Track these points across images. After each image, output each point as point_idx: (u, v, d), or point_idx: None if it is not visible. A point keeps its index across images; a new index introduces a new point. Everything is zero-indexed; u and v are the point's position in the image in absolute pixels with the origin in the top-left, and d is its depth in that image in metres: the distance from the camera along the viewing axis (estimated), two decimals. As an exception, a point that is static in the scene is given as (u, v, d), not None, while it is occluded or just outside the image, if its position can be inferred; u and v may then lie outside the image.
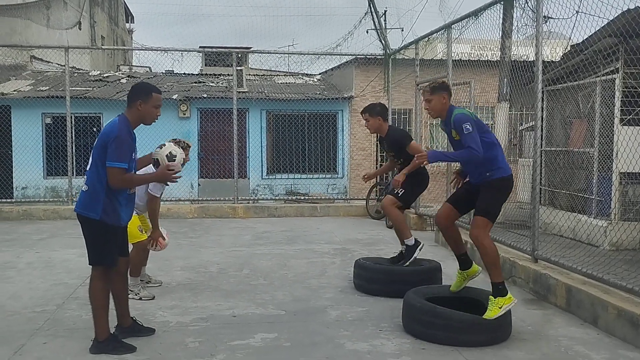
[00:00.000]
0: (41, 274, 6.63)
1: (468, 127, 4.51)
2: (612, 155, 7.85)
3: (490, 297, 4.51)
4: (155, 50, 14.06)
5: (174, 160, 4.35)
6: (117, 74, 18.85)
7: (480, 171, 4.66)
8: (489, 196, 4.61)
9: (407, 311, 4.68)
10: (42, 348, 4.27)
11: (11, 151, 14.10)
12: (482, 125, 4.70)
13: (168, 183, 4.54)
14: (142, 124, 4.31)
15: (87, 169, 4.20)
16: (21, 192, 14.10)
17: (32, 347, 4.28)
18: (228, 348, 4.29)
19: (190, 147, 5.88)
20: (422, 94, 4.92)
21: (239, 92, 13.46)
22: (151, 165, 4.60)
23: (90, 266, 4.21)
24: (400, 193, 6.02)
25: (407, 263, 5.94)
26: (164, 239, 5.68)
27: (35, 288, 5.97)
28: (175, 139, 5.84)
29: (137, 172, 4.47)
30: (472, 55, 15.72)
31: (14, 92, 14.60)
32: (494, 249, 4.59)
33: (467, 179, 4.95)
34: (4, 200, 12.25)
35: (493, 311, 4.42)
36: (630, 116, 7.58)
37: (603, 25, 6.97)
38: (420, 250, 5.96)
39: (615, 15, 6.50)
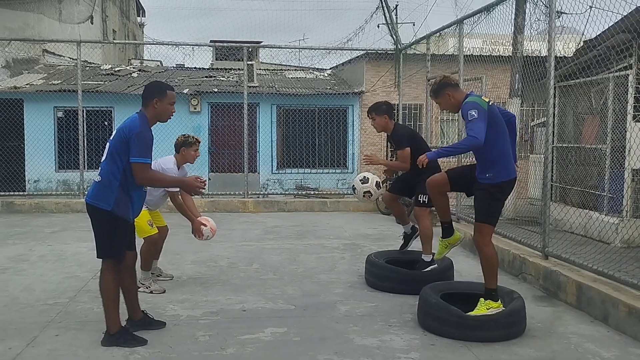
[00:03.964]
0: (53, 266, 6.69)
1: (473, 113, 4.35)
2: (624, 152, 7.80)
3: (481, 299, 4.55)
4: (166, 44, 14.12)
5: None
6: (128, 68, 18.93)
7: (482, 168, 4.56)
8: (487, 203, 4.57)
9: (423, 307, 4.70)
10: (55, 340, 4.31)
11: (23, 144, 14.21)
12: (496, 119, 4.49)
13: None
14: (158, 122, 4.36)
15: (102, 160, 4.24)
16: (33, 185, 14.21)
17: (44, 339, 4.32)
18: (238, 342, 4.32)
19: (199, 142, 5.91)
20: (431, 98, 4.93)
21: (250, 86, 13.48)
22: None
23: (100, 259, 4.26)
24: (427, 200, 5.87)
25: (420, 271, 5.88)
26: (204, 226, 5.62)
27: (47, 281, 6.03)
28: (185, 135, 5.88)
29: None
30: (483, 51, 15.63)
31: (27, 86, 14.70)
32: (494, 256, 4.61)
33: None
34: (17, 193, 12.37)
35: (480, 310, 4.48)
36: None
37: (617, 20, 6.91)
38: (431, 269, 5.85)
39: (630, 11, 6.45)
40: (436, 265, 5.88)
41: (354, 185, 6.15)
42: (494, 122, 4.47)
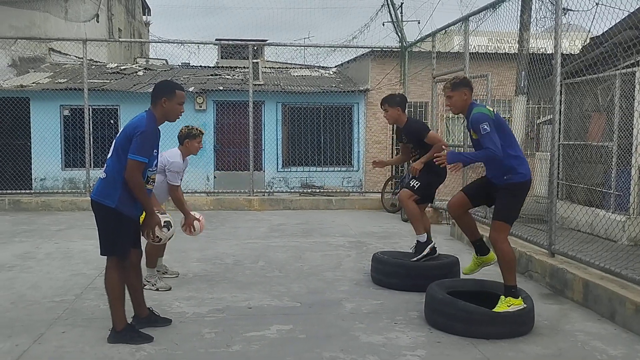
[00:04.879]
0: (60, 264, 6.72)
1: (485, 127, 4.48)
2: (631, 149, 7.76)
3: (502, 296, 4.57)
4: (171, 42, 14.13)
5: (163, 233, 4.79)
6: (134, 66, 18.97)
7: (498, 174, 4.65)
8: (507, 201, 4.63)
9: (430, 303, 4.70)
10: (61, 337, 4.33)
11: (30, 143, 14.27)
12: (502, 125, 4.63)
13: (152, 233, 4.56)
14: (166, 121, 4.37)
15: (108, 157, 4.24)
16: (40, 183, 14.27)
17: (51, 336, 4.34)
18: (244, 339, 4.32)
19: (203, 133, 5.91)
20: (443, 90, 4.88)
21: (255, 84, 13.49)
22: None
23: (105, 257, 4.27)
24: (416, 186, 5.95)
25: (417, 259, 5.87)
26: (198, 221, 5.73)
27: (54, 278, 6.05)
28: (188, 127, 5.88)
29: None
30: (489, 48, 15.59)
31: (33, 84, 14.75)
32: (511, 254, 4.62)
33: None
34: (23, 191, 12.41)
35: (501, 307, 4.49)
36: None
37: (623, 17, 6.88)
38: (429, 249, 5.87)
39: (637, 7, 6.42)
40: (434, 243, 5.90)
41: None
42: (501, 129, 4.59)
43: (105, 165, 4.23)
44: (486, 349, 4.16)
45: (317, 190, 13.81)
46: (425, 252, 5.86)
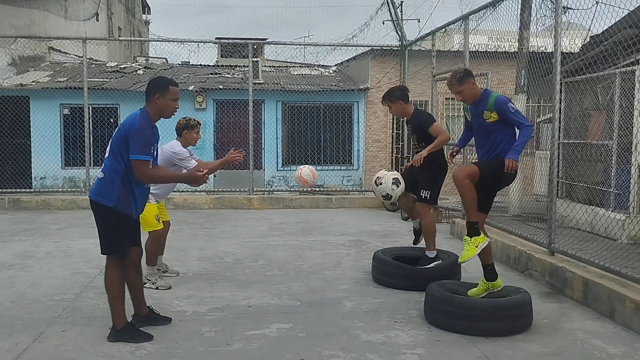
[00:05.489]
0: (60, 263, 6.72)
1: (512, 105, 4.64)
2: (631, 148, 7.76)
3: (466, 237, 4.58)
4: (171, 41, 14.13)
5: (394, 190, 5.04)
6: (133, 65, 18.96)
7: (490, 154, 4.74)
8: (492, 162, 4.68)
9: (429, 301, 4.71)
10: (61, 336, 4.33)
11: (30, 142, 14.28)
12: None
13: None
14: (162, 118, 4.35)
15: (105, 156, 4.24)
16: (40, 182, 14.28)
17: (51, 335, 4.34)
18: (243, 338, 4.33)
19: (200, 124, 5.90)
20: (450, 87, 4.82)
21: (255, 83, 13.49)
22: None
23: (105, 256, 4.27)
24: (428, 196, 5.85)
25: (421, 268, 5.83)
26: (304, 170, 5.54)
27: (54, 277, 6.05)
28: (186, 118, 5.87)
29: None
30: (489, 47, 15.58)
31: (33, 83, 14.76)
32: (470, 189, 4.52)
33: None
34: (23, 190, 12.41)
35: (470, 251, 4.51)
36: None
37: (623, 15, 6.88)
38: (435, 265, 5.81)
39: (637, 6, 6.41)
40: (441, 261, 5.85)
41: (388, 193, 5.63)
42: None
43: (103, 164, 4.23)
44: (485, 348, 4.16)
45: (317, 189, 13.80)
46: (431, 265, 5.82)
